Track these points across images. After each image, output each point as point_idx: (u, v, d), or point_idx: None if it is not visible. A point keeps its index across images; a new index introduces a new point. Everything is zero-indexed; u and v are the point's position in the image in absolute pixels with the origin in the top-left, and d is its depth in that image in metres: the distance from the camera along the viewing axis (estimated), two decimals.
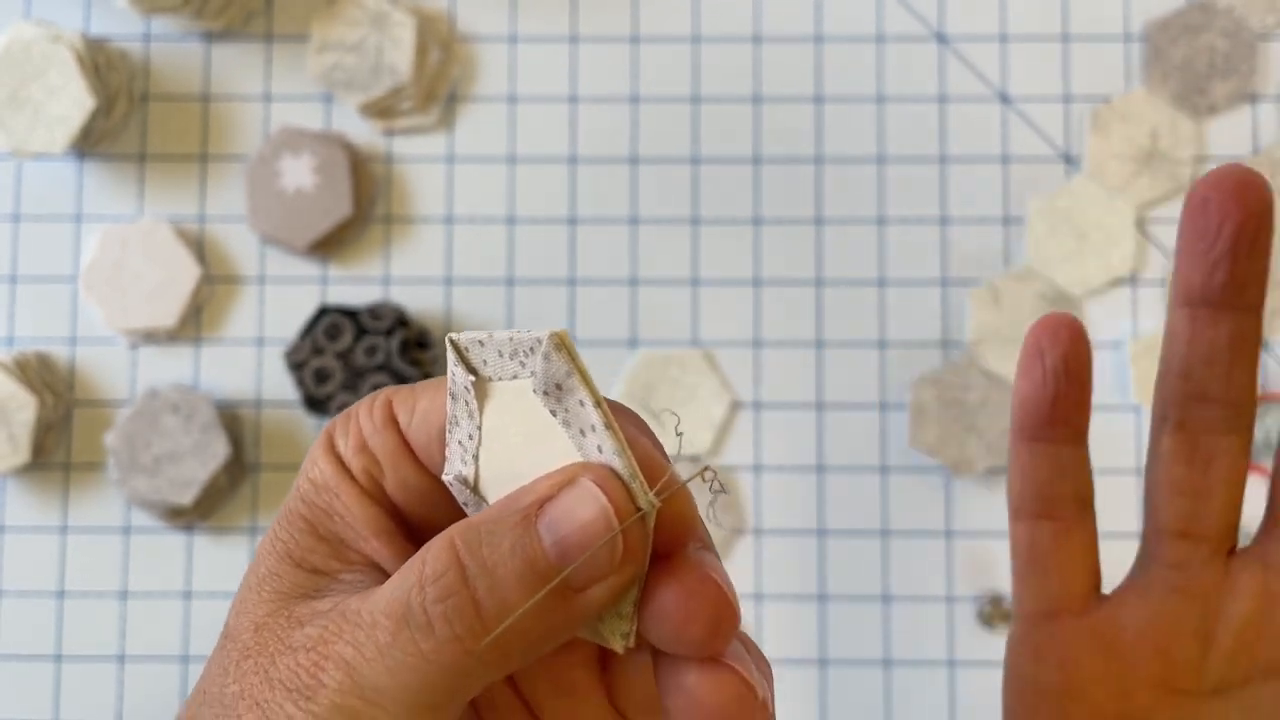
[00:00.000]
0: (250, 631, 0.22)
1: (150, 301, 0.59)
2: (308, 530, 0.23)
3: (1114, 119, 0.60)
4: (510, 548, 0.20)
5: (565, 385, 0.20)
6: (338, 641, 0.20)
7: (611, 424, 0.20)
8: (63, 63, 0.56)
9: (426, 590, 0.20)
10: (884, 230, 0.60)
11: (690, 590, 0.20)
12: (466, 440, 0.22)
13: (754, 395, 0.59)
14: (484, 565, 0.20)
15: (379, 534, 0.23)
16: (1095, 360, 0.59)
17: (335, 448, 0.24)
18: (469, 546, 0.20)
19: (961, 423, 0.58)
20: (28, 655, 0.58)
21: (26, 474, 0.59)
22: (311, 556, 0.23)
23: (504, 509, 0.20)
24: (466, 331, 0.22)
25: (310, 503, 0.23)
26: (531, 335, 0.21)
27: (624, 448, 0.20)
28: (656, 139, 0.60)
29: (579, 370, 0.20)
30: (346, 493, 0.23)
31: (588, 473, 0.20)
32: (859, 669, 0.57)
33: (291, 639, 0.21)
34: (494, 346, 0.21)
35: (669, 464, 0.21)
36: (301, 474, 0.24)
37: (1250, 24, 0.60)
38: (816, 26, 0.61)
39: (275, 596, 0.22)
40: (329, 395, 0.56)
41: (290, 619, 0.22)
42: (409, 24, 0.59)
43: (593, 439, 0.20)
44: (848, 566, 0.58)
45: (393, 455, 0.23)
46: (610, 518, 0.20)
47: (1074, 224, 0.59)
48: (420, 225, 0.60)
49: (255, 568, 0.23)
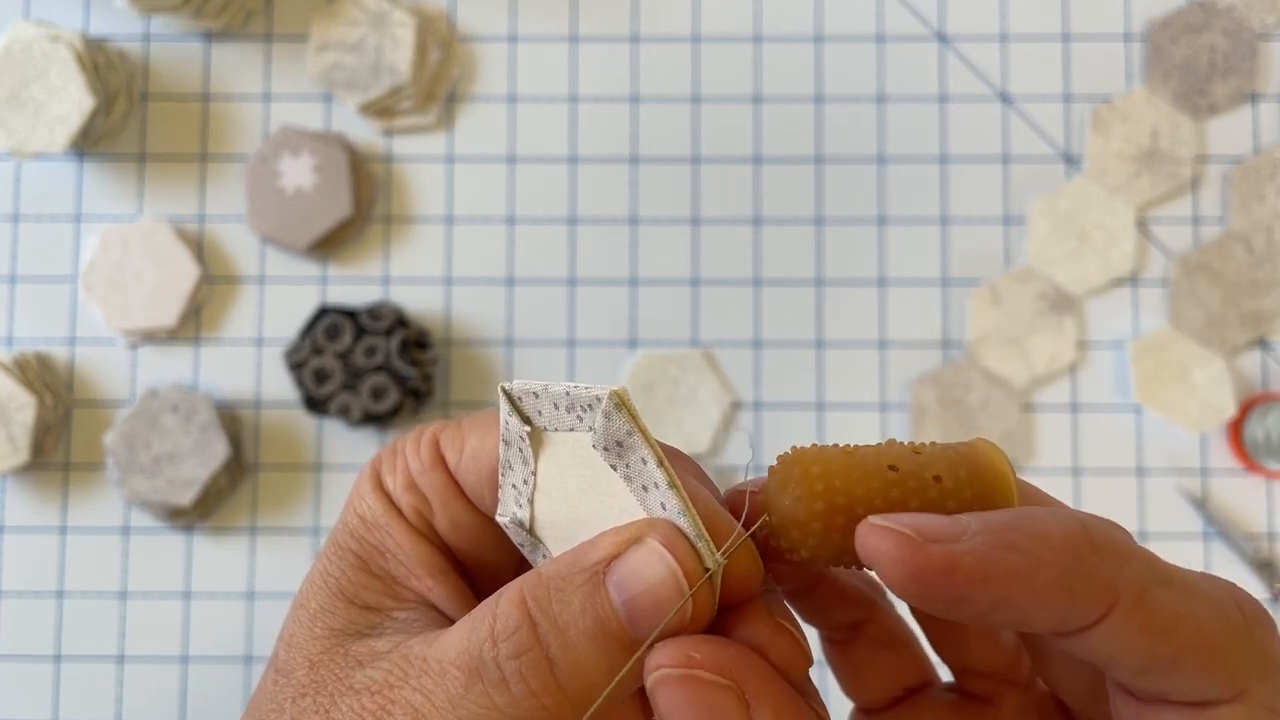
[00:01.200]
0: (305, 668, 0.22)
1: (150, 301, 0.59)
2: (359, 566, 0.23)
3: (1114, 119, 0.60)
4: (581, 606, 0.20)
5: (626, 443, 0.21)
6: (404, 687, 0.21)
7: (675, 483, 0.20)
8: (62, 62, 0.56)
9: (500, 646, 0.20)
10: (884, 230, 0.60)
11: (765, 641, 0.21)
12: (521, 484, 0.23)
13: (754, 395, 0.59)
14: (555, 623, 0.20)
15: (432, 572, 0.23)
16: (1096, 361, 0.59)
17: (384, 484, 0.24)
18: (539, 603, 0.20)
19: (961, 423, 0.58)
20: (27, 655, 0.58)
21: (26, 474, 0.59)
22: (365, 594, 0.23)
23: (572, 565, 0.21)
24: (519, 380, 0.22)
25: (361, 539, 0.24)
26: (590, 393, 0.21)
27: (688, 506, 0.20)
28: (656, 139, 0.60)
29: (640, 429, 0.20)
30: (398, 530, 0.23)
31: (654, 532, 0.20)
32: None
33: (353, 680, 0.21)
34: (549, 399, 0.22)
35: (732, 517, 0.21)
36: (348, 508, 0.24)
37: (1251, 24, 0.60)
38: (817, 26, 0.61)
39: (329, 634, 0.22)
40: (329, 395, 0.56)
41: (349, 658, 0.22)
42: (409, 24, 0.59)
43: (655, 495, 0.21)
44: None
45: (442, 494, 0.24)
46: (679, 579, 0.20)
47: (1074, 224, 0.59)
48: (420, 225, 0.60)
49: (305, 602, 0.23)
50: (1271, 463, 0.57)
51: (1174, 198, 0.60)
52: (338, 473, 0.59)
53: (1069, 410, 0.59)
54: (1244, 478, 0.58)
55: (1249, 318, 0.58)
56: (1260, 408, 0.57)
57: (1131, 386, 0.58)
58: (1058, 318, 0.59)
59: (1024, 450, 0.59)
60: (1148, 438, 0.58)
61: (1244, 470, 0.58)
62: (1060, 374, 0.59)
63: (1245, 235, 0.59)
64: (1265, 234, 0.59)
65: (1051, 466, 0.58)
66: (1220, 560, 0.57)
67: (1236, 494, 0.58)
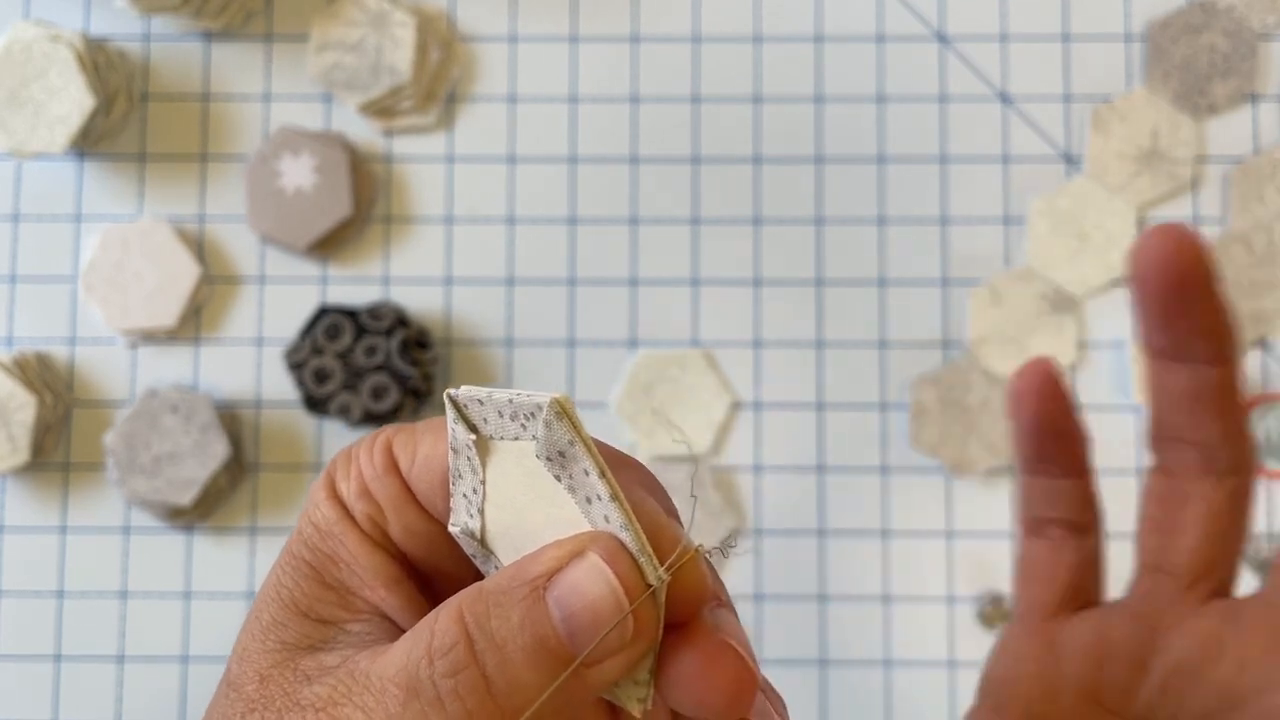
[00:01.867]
0: (255, 683, 0.22)
1: (150, 301, 0.59)
2: (313, 577, 0.23)
3: (1114, 119, 0.60)
4: (519, 622, 0.20)
5: (568, 453, 0.20)
6: (347, 704, 0.20)
7: (617, 494, 0.20)
8: (62, 62, 0.56)
9: (436, 664, 0.20)
10: (884, 230, 0.60)
11: (708, 659, 0.20)
12: (471, 494, 0.22)
13: (754, 395, 0.59)
14: (493, 640, 0.20)
15: (386, 582, 0.23)
16: (1096, 361, 0.59)
17: (337, 491, 0.23)
18: (477, 619, 0.20)
19: (962, 423, 0.58)
20: (27, 655, 0.58)
21: (26, 474, 0.59)
22: (318, 606, 0.23)
23: (512, 579, 0.20)
24: (465, 388, 0.21)
25: (314, 548, 0.23)
26: (532, 400, 0.20)
27: (631, 520, 0.20)
28: (656, 139, 0.60)
29: (582, 439, 0.20)
30: (351, 539, 0.23)
31: (596, 546, 0.20)
32: (859, 669, 0.57)
33: (300, 696, 0.21)
34: (493, 406, 0.21)
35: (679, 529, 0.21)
36: (303, 516, 0.23)
37: (1251, 24, 0.60)
38: (817, 26, 0.61)
39: (280, 647, 0.22)
40: (329, 395, 0.56)
41: (297, 673, 0.21)
42: (409, 24, 0.59)
43: (599, 508, 0.20)
44: (848, 566, 0.58)
45: (395, 501, 0.23)
46: (619, 596, 0.19)
47: (1075, 224, 0.59)
48: (420, 225, 0.60)
49: (259, 614, 0.23)
50: (1272, 463, 0.57)
51: (1174, 198, 0.60)
52: None
53: None
54: None
55: (1249, 318, 0.58)
56: (1260, 408, 0.57)
57: (1131, 386, 0.58)
58: (1058, 318, 0.59)
59: None
60: None
61: None
62: None
63: (1245, 235, 0.59)
64: (1265, 234, 0.59)
65: None
66: None
67: None
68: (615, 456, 0.21)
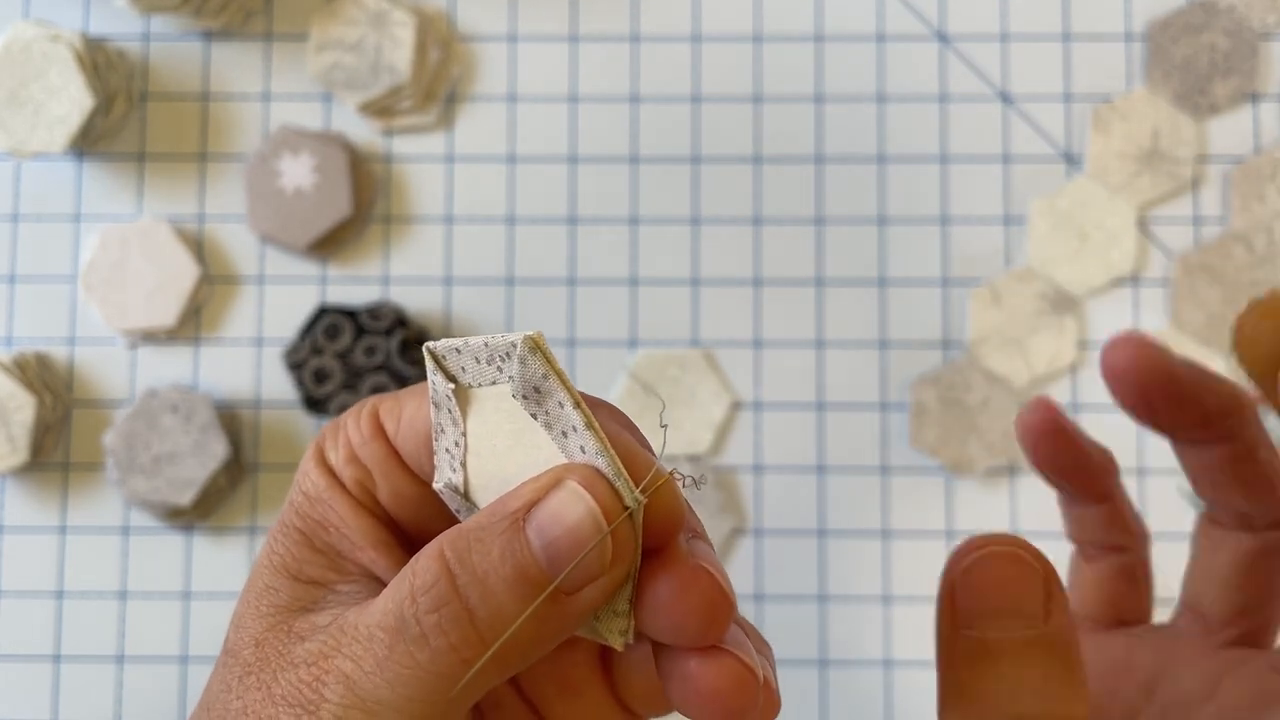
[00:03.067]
0: (251, 648, 0.22)
1: (149, 301, 0.59)
2: (303, 543, 0.23)
3: (1115, 118, 0.60)
4: (500, 554, 0.20)
5: (543, 388, 0.20)
6: (337, 656, 0.20)
7: (592, 423, 0.20)
8: (62, 62, 0.56)
9: (419, 601, 0.20)
10: (884, 230, 0.60)
11: (684, 583, 0.20)
12: (453, 447, 0.22)
13: (754, 395, 0.59)
14: (474, 574, 0.20)
15: (375, 544, 0.23)
16: (1097, 361, 0.59)
17: (326, 459, 0.24)
18: (458, 555, 0.20)
19: (962, 423, 0.58)
20: (27, 655, 0.58)
21: (25, 474, 0.59)
22: (308, 569, 0.23)
23: (492, 514, 0.20)
24: (443, 340, 0.22)
25: (304, 515, 0.23)
26: (506, 340, 0.21)
27: (606, 447, 0.20)
28: (656, 139, 0.60)
29: (555, 372, 0.20)
30: (340, 504, 0.23)
31: (572, 474, 0.20)
32: (859, 669, 0.57)
33: (292, 654, 0.21)
34: (470, 353, 0.21)
35: (653, 457, 0.21)
36: (294, 486, 0.24)
37: (1252, 23, 0.60)
38: (817, 25, 0.61)
39: (274, 611, 0.22)
40: (328, 395, 0.56)
41: (290, 634, 0.22)
42: (408, 23, 0.59)
43: (575, 440, 0.20)
44: (848, 566, 0.58)
45: (383, 465, 0.23)
46: (598, 518, 0.20)
47: (1075, 223, 0.59)
48: (420, 225, 0.60)
49: (253, 582, 0.23)
50: None
51: (1175, 197, 0.60)
52: None
53: (1069, 410, 0.59)
54: None
55: None
56: (1260, 408, 0.57)
57: None
58: (1058, 317, 0.59)
59: None
60: (1148, 438, 0.58)
61: None
62: (1061, 374, 0.59)
63: (1246, 235, 0.59)
64: (1266, 234, 0.59)
65: None
66: None
67: None
68: (589, 398, 0.21)
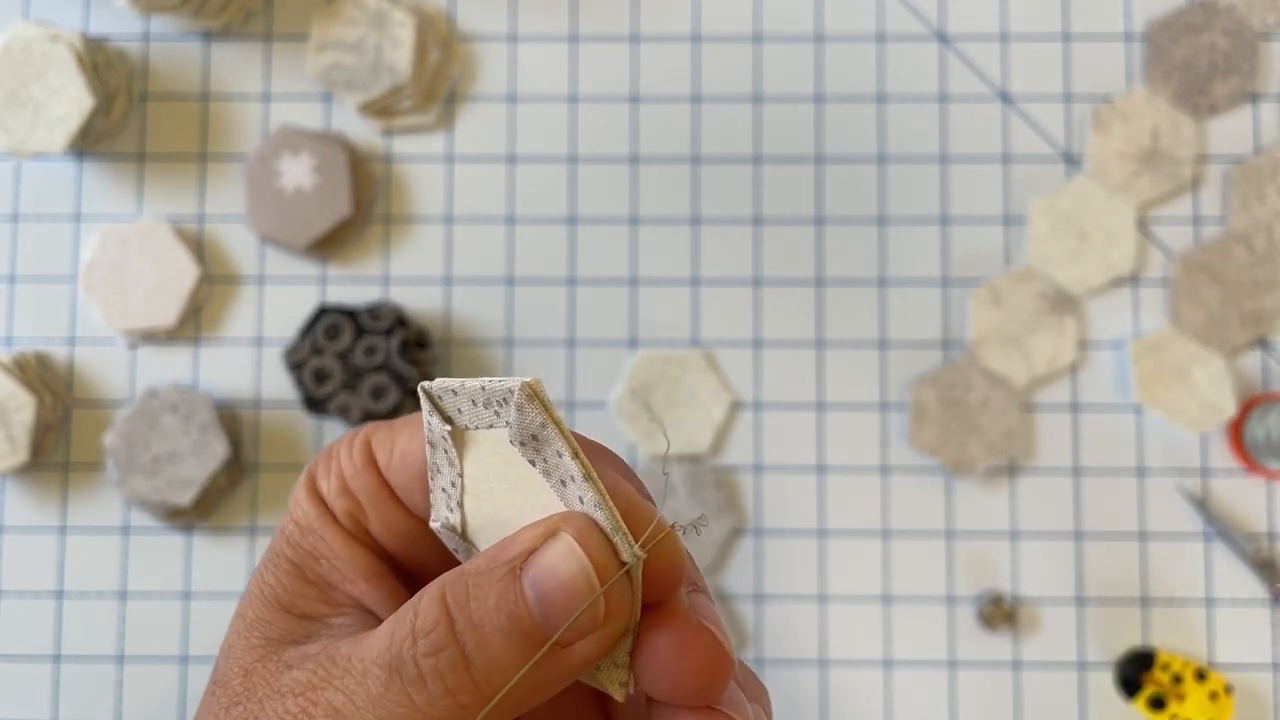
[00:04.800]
0: (240, 678, 0.22)
1: (149, 301, 0.59)
2: (294, 573, 0.23)
3: (1115, 118, 0.60)
4: (495, 603, 0.20)
5: (541, 436, 0.20)
6: (327, 688, 0.20)
7: (591, 474, 0.20)
8: (62, 62, 0.56)
9: (419, 643, 0.20)
10: (884, 230, 0.60)
11: (683, 641, 0.20)
12: (450, 487, 0.22)
13: (754, 395, 0.59)
14: (471, 620, 0.20)
15: (366, 576, 0.23)
16: (1097, 360, 0.59)
17: (318, 488, 0.24)
18: (457, 600, 0.20)
19: (962, 423, 0.58)
20: (27, 655, 0.58)
21: (25, 474, 0.59)
22: (300, 601, 0.23)
23: (491, 560, 0.20)
24: (438, 380, 0.22)
25: (296, 545, 0.23)
26: (504, 385, 0.20)
27: (604, 499, 0.20)
28: (656, 139, 0.60)
29: (553, 420, 0.20)
30: (331, 535, 0.23)
31: (568, 525, 0.20)
32: (859, 669, 0.57)
33: (280, 683, 0.21)
34: (467, 395, 0.21)
35: (653, 507, 0.21)
36: (286, 515, 0.24)
37: (1251, 23, 0.60)
38: (817, 25, 0.61)
39: (264, 642, 0.22)
40: (328, 395, 0.56)
41: (280, 664, 0.22)
42: (408, 23, 0.59)
43: (574, 489, 0.20)
44: (848, 566, 0.58)
45: (374, 497, 0.23)
46: (590, 575, 0.20)
47: (1075, 223, 0.59)
48: (419, 225, 0.60)
49: (243, 612, 0.23)
50: (1272, 462, 0.57)
51: (1174, 197, 0.60)
52: None
53: (1069, 410, 0.59)
54: (1244, 478, 0.58)
55: (1249, 317, 0.58)
56: (1261, 408, 0.57)
57: (1132, 386, 0.58)
58: (1058, 317, 0.59)
59: (1024, 450, 0.59)
60: (1148, 437, 0.58)
61: (1244, 470, 0.58)
62: (1061, 374, 0.59)
63: (1246, 235, 0.59)
64: (1266, 233, 0.59)
65: (1051, 466, 0.58)
66: (1220, 560, 0.57)
67: (1237, 494, 0.58)
68: (588, 444, 0.21)
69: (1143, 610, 0.57)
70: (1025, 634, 0.57)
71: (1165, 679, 0.55)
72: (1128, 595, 0.57)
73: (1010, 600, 0.57)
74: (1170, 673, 0.55)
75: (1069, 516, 0.58)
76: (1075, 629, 0.57)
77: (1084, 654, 0.57)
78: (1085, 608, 0.58)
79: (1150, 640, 0.57)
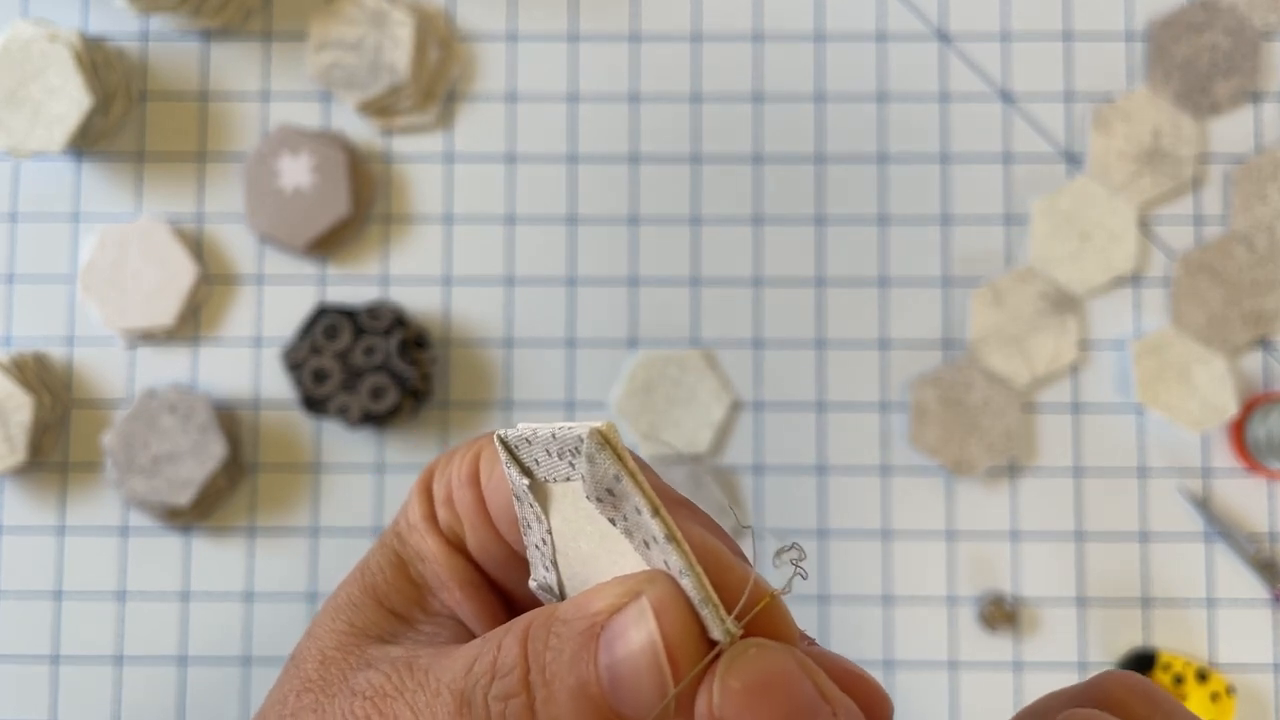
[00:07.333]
0: (315, 662, 0.22)
1: (148, 301, 0.59)
2: (398, 566, 0.23)
3: (1116, 118, 0.59)
4: (570, 659, 0.18)
5: (617, 490, 0.18)
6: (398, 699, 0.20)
7: (674, 534, 0.17)
8: (61, 62, 0.56)
9: (494, 684, 0.19)
10: (885, 230, 0.60)
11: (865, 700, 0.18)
12: (541, 545, 0.21)
13: (754, 395, 0.59)
14: (544, 673, 0.19)
15: (463, 585, 0.23)
16: (1098, 360, 0.59)
17: (432, 490, 0.23)
18: (536, 647, 0.19)
19: (962, 423, 0.58)
20: (25, 656, 0.58)
21: (24, 474, 0.59)
22: (395, 596, 0.23)
23: (577, 609, 0.19)
24: (513, 428, 0.20)
25: (404, 540, 0.23)
26: (573, 433, 0.18)
27: (692, 564, 0.17)
28: (656, 138, 0.60)
29: (629, 472, 0.18)
30: (433, 540, 0.23)
31: (652, 588, 0.18)
32: None
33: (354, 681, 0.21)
34: (540, 444, 0.19)
35: (749, 568, 0.19)
36: (401, 508, 0.23)
37: (1253, 22, 0.60)
38: (817, 24, 0.61)
39: (349, 629, 0.22)
40: (327, 395, 0.56)
41: (359, 659, 0.21)
42: (408, 22, 0.59)
43: (657, 552, 0.18)
44: (848, 566, 0.58)
45: (472, 516, 0.23)
46: (659, 654, 0.17)
47: (1076, 223, 0.59)
48: (419, 224, 0.60)
49: (338, 592, 0.23)
50: (1273, 463, 0.57)
51: (1176, 197, 0.60)
52: (336, 473, 0.59)
53: (1070, 410, 0.59)
54: (1246, 478, 0.58)
55: (1251, 317, 0.58)
56: (1262, 408, 0.57)
57: (1133, 386, 0.58)
58: (1059, 317, 0.59)
59: (1025, 450, 0.58)
60: (1149, 438, 0.58)
61: (1246, 470, 0.58)
62: (1061, 374, 0.59)
63: (1247, 234, 0.59)
64: (1267, 233, 0.59)
65: (1052, 466, 0.58)
66: (1221, 561, 0.57)
67: (1238, 494, 0.58)
68: (669, 495, 0.19)
69: (1144, 611, 0.57)
70: (1026, 635, 0.57)
71: (1167, 680, 0.55)
72: (1129, 596, 0.57)
73: (1011, 601, 0.57)
74: (1172, 673, 0.55)
75: (1070, 517, 0.58)
76: (1076, 630, 0.57)
77: (1085, 655, 0.57)
78: (1086, 608, 0.57)
79: (1151, 641, 0.57)
